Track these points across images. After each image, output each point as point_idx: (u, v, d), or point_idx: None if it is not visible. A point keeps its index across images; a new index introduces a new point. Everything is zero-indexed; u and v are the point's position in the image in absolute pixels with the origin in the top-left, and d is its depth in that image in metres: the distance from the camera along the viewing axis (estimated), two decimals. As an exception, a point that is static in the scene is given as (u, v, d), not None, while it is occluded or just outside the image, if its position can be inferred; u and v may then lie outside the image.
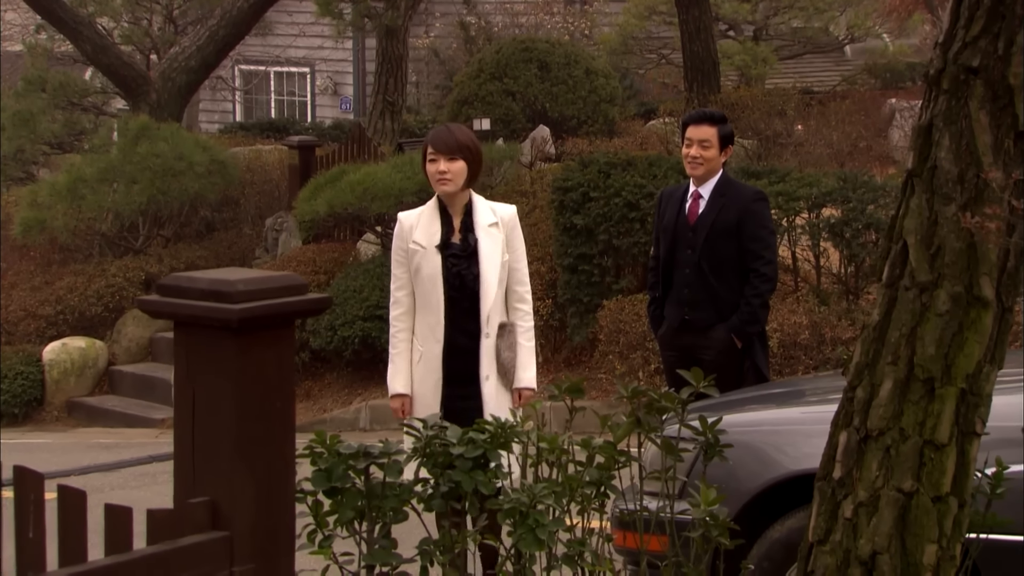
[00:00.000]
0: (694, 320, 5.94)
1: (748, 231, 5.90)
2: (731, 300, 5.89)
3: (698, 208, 5.99)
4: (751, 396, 5.56)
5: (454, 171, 4.93)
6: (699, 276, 5.93)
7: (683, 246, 5.99)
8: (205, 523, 2.80)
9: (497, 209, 5.05)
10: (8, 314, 13.04)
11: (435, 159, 4.97)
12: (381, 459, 3.13)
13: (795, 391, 5.72)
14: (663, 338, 6.10)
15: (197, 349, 2.86)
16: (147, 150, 13.13)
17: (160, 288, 2.91)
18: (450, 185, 4.93)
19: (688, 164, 6.01)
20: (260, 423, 2.86)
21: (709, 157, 5.93)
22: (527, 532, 3.12)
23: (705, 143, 5.92)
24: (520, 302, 5.06)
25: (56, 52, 16.96)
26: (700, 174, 5.97)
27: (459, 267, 4.95)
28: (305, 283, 2.98)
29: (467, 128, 5.23)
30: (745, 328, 5.89)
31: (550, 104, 16.89)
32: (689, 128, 5.99)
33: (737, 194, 6.03)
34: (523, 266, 5.07)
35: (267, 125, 19.32)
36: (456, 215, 4.97)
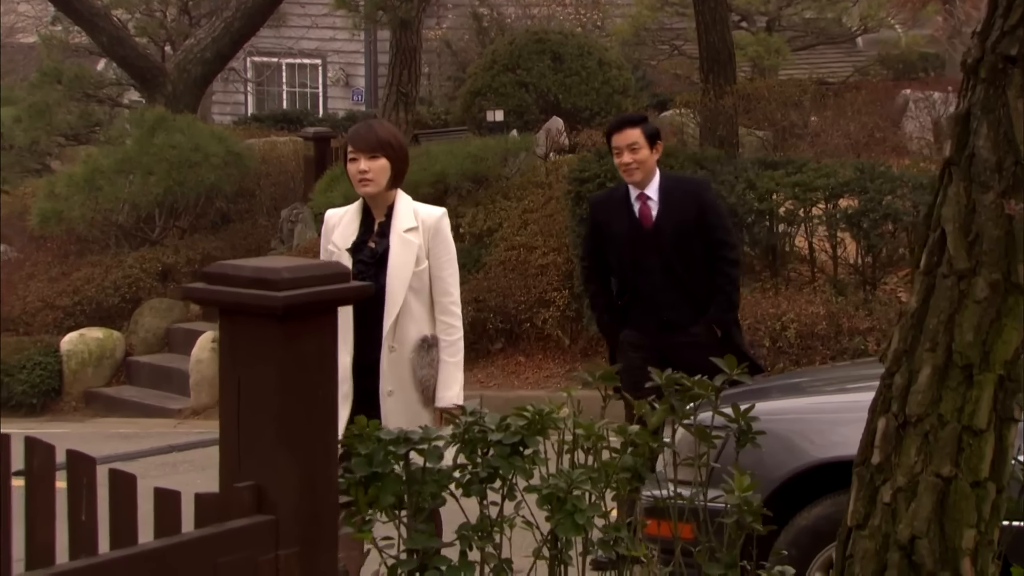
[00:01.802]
0: (674, 320, 5.83)
1: (709, 221, 5.84)
2: (704, 293, 5.83)
3: (649, 211, 5.84)
4: (774, 385, 5.60)
5: (376, 170, 4.62)
6: (671, 277, 5.82)
7: (646, 251, 5.84)
8: (251, 507, 2.84)
9: (420, 212, 4.70)
10: (26, 305, 13.10)
11: (355, 158, 4.66)
12: (421, 445, 3.17)
13: (819, 380, 5.76)
14: (631, 342, 5.87)
15: (242, 336, 2.90)
16: (163, 141, 13.18)
17: (205, 276, 2.95)
18: (371, 186, 4.62)
19: (624, 172, 5.83)
20: (304, 409, 2.90)
21: (642, 159, 5.77)
22: (565, 517, 3.15)
23: (634, 146, 5.75)
24: (444, 314, 4.71)
25: (71, 44, 17.00)
26: (639, 179, 5.80)
27: (366, 275, 4.64)
28: (348, 271, 3.02)
29: (390, 124, 4.94)
30: (724, 316, 5.84)
31: (563, 95, 16.92)
32: (613, 137, 5.83)
33: (686, 188, 5.96)
34: (448, 274, 4.71)
35: (280, 117, 19.37)
36: (378, 217, 4.68)
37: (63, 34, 16.99)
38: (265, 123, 18.51)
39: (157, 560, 2.68)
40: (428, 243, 4.63)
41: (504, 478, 3.22)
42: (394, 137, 4.72)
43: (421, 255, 4.63)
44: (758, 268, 10.51)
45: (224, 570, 2.75)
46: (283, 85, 23.52)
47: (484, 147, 12.40)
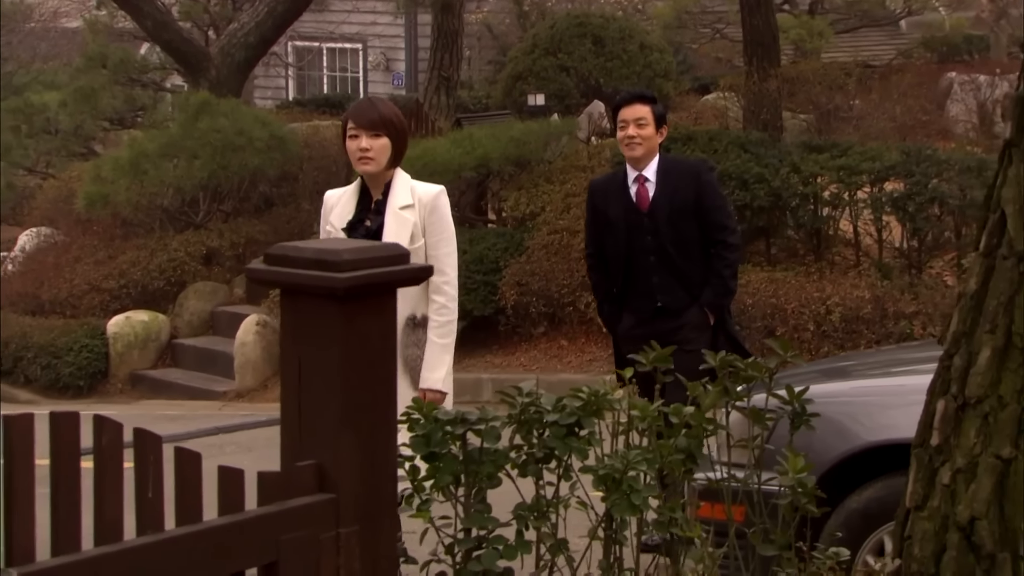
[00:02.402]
0: (668, 305, 5.71)
1: (707, 204, 5.71)
2: (699, 277, 5.70)
3: (647, 192, 5.73)
4: (820, 369, 5.60)
5: (377, 148, 4.48)
6: (665, 261, 5.69)
7: (640, 234, 5.72)
8: (312, 486, 2.88)
9: (418, 189, 4.56)
10: (73, 288, 13.23)
11: (356, 135, 4.52)
12: (478, 425, 3.20)
13: (866, 363, 5.75)
14: (629, 332, 5.74)
15: (303, 317, 2.94)
16: (208, 125, 13.26)
17: (267, 257, 2.99)
18: (372, 164, 4.49)
19: (625, 146, 5.72)
20: (364, 389, 2.93)
21: (647, 136, 5.66)
22: (621, 498, 3.18)
23: (641, 121, 5.65)
24: (437, 293, 4.55)
25: (115, 28, 17.11)
26: (639, 154, 5.68)
27: None
28: (407, 252, 3.05)
29: (390, 102, 4.79)
30: (719, 301, 5.70)
31: (604, 79, 16.89)
32: (622, 110, 5.74)
33: (685, 170, 5.84)
34: (444, 253, 4.57)
35: (323, 101, 19.43)
36: (376, 195, 4.57)
37: (108, 18, 17.09)
38: (307, 107, 18.58)
39: (222, 537, 2.72)
40: (424, 221, 4.52)
41: (560, 459, 3.25)
42: (396, 116, 4.61)
43: (417, 232, 4.52)
44: (802, 252, 10.48)
45: (287, 547, 2.79)
46: (324, 69, 23.59)
47: (527, 131, 12.41)
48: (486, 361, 11.27)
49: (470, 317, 11.28)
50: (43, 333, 12.61)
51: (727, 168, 10.23)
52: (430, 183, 4.66)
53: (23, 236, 14.69)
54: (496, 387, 10.75)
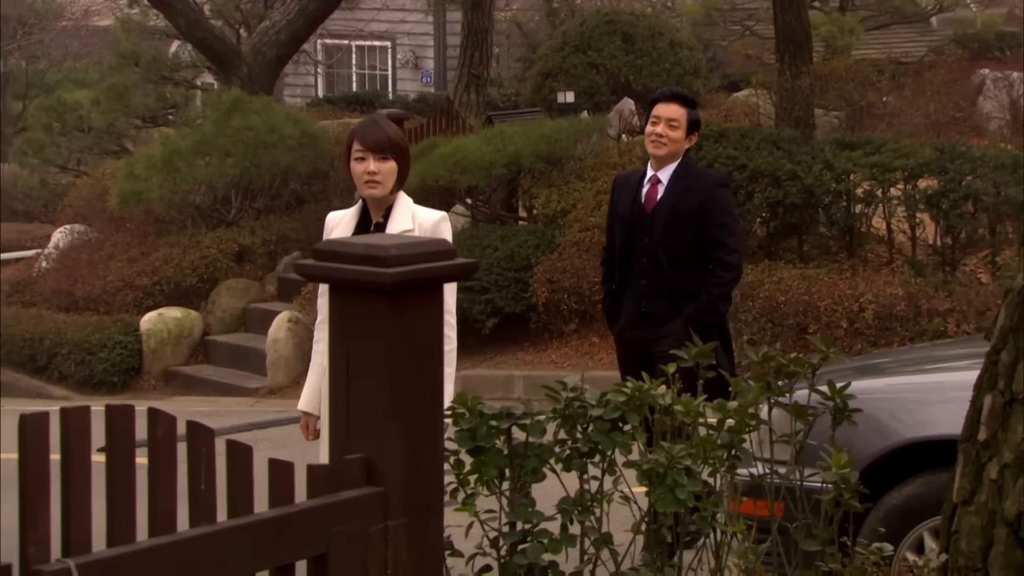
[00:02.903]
0: (651, 312, 5.56)
1: (711, 218, 5.51)
2: (690, 291, 5.52)
3: (656, 194, 5.59)
4: (855, 366, 5.59)
5: (384, 172, 4.37)
6: (656, 266, 5.56)
7: (640, 234, 5.61)
8: (360, 479, 2.91)
9: (419, 214, 4.46)
10: (106, 284, 13.32)
11: (363, 158, 4.38)
12: (523, 420, 3.22)
13: (901, 360, 5.74)
14: (620, 333, 5.70)
15: (351, 312, 2.97)
16: (240, 123, 13.33)
17: (316, 253, 3.02)
18: (379, 188, 4.38)
19: (651, 143, 5.57)
20: (411, 383, 2.96)
21: (675, 138, 5.51)
22: (666, 492, 3.19)
23: (673, 123, 5.50)
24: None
25: (147, 26, 17.21)
26: (663, 154, 5.53)
27: None
28: (453, 248, 3.07)
29: (394, 123, 4.66)
30: (702, 318, 5.45)
31: (634, 76, 16.88)
32: (658, 105, 5.57)
33: (698, 179, 5.64)
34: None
35: (353, 98, 19.49)
36: (376, 218, 4.48)
37: (140, 17, 17.19)
38: (338, 105, 18.64)
39: (273, 528, 2.75)
40: None
41: (604, 453, 3.27)
42: (402, 138, 4.51)
43: None
44: (834, 249, 10.47)
45: (336, 539, 2.82)
46: (353, 67, 23.66)
47: (558, 128, 12.42)
48: (517, 358, 11.29)
49: (501, 314, 11.30)
50: (77, 330, 12.71)
51: (759, 165, 10.23)
52: (432, 209, 4.58)
53: (57, 233, 14.80)
54: (527, 384, 10.76)
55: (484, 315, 11.26)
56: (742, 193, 10.37)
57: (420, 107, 17.84)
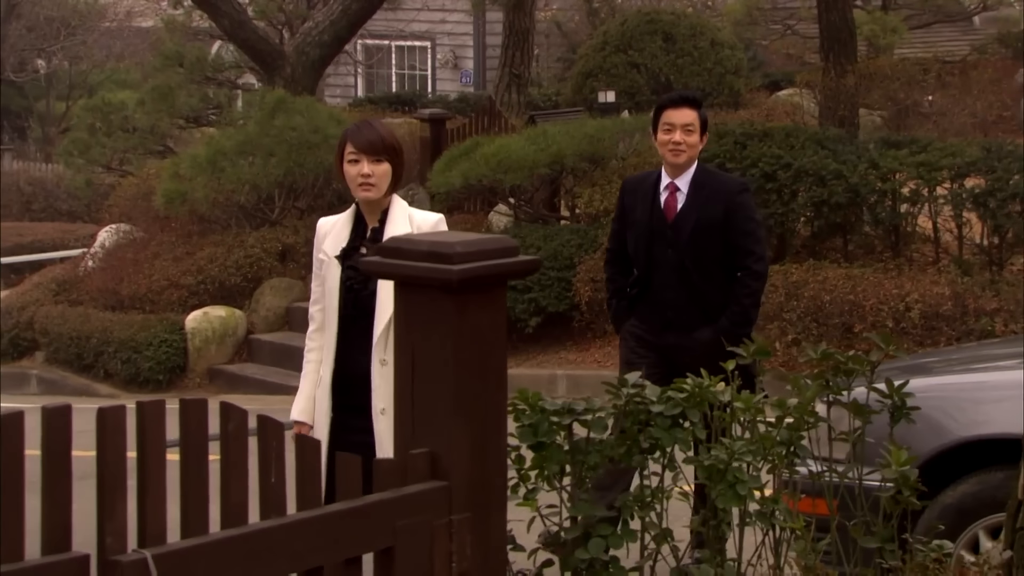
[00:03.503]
0: (677, 321, 5.40)
1: (736, 226, 5.35)
2: (717, 300, 5.37)
3: (676, 202, 5.41)
4: (903, 365, 5.58)
5: (379, 175, 4.26)
6: (683, 277, 5.38)
7: (662, 245, 5.43)
8: (425, 473, 2.94)
9: (416, 218, 4.37)
10: (152, 283, 13.43)
11: (357, 160, 4.28)
12: (585, 415, 3.25)
13: (950, 360, 5.73)
14: (636, 335, 5.51)
15: (417, 308, 3.00)
16: (284, 123, 13.41)
17: (381, 250, 3.05)
18: (373, 191, 4.27)
19: (670, 151, 5.36)
20: (476, 379, 2.99)
21: (692, 143, 5.35)
22: (726, 488, 3.21)
23: (689, 128, 5.33)
24: None
25: (190, 27, 17.33)
26: (683, 161, 5.37)
27: (354, 281, 4.29)
28: (517, 245, 3.10)
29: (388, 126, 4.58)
30: (735, 330, 5.22)
31: (675, 76, 16.88)
32: (668, 111, 5.37)
33: (719, 186, 5.46)
34: None
35: (394, 98, 19.56)
36: (371, 223, 4.37)
37: (184, 17, 17.32)
38: (379, 105, 18.72)
39: (341, 522, 2.79)
40: None
41: (664, 449, 3.29)
42: (397, 140, 4.42)
43: None
44: (879, 248, 10.44)
45: (402, 533, 2.85)
46: (392, 67, 23.74)
47: (601, 128, 12.44)
48: (560, 357, 11.31)
49: (544, 313, 11.33)
50: (123, 328, 12.82)
51: (804, 164, 10.21)
52: (429, 212, 4.50)
53: (102, 233, 14.93)
54: (570, 383, 10.78)
55: (527, 314, 11.29)
56: (786, 192, 10.36)
57: (461, 107, 17.89)
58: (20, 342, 13.71)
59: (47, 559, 2.43)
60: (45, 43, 24.53)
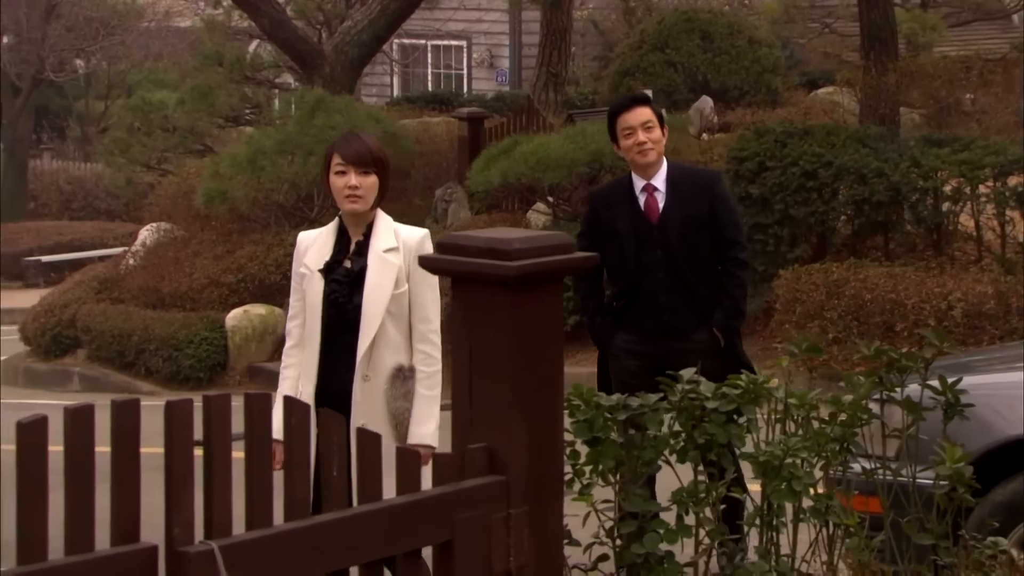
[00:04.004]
0: (675, 325, 5.24)
1: (721, 218, 5.26)
2: (710, 296, 5.27)
3: (657, 203, 5.24)
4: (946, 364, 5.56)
5: (366, 187, 4.20)
6: (676, 277, 5.24)
7: (650, 248, 5.26)
8: (484, 467, 2.97)
9: (402, 232, 4.29)
10: (192, 282, 13.52)
11: (344, 171, 4.21)
12: (640, 411, 3.26)
13: (994, 358, 5.72)
14: (626, 347, 5.30)
15: (474, 304, 3.03)
16: (323, 122, 13.47)
17: (439, 246, 3.08)
18: (360, 203, 4.20)
19: (638, 153, 5.20)
20: (533, 375, 3.01)
21: (656, 139, 5.21)
22: (781, 484, 3.22)
23: (648, 124, 5.19)
24: (423, 342, 4.23)
25: (230, 27, 17.43)
26: (653, 159, 5.22)
27: (338, 294, 4.21)
28: (573, 242, 3.12)
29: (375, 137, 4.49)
30: (731, 323, 5.23)
31: (712, 75, 16.84)
32: (622, 116, 5.23)
33: (697, 180, 5.36)
34: (429, 300, 4.26)
35: (431, 97, 19.61)
36: (355, 236, 4.29)
37: (224, 17, 17.43)
38: (416, 104, 18.77)
39: (401, 515, 2.82)
40: (409, 265, 4.22)
41: (719, 445, 3.30)
42: (383, 153, 4.33)
43: (401, 277, 4.23)
44: (920, 247, 10.40)
45: (461, 526, 2.88)
46: (428, 66, 23.80)
47: (639, 126, 12.42)
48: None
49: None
50: (164, 326, 12.91)
51: (845, 162, 10.19)
52: (414, 227, 4.42)
53: (143, 231, 15.04)
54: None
55: (565, 312, 11.27)
56: (827, 191, 10.34)
57: (498, 106, 17.92)
58: (62, 340, 13.83)
59: (117, 550, 2.47)
60: (84, 43, 24.73)
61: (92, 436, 2.49)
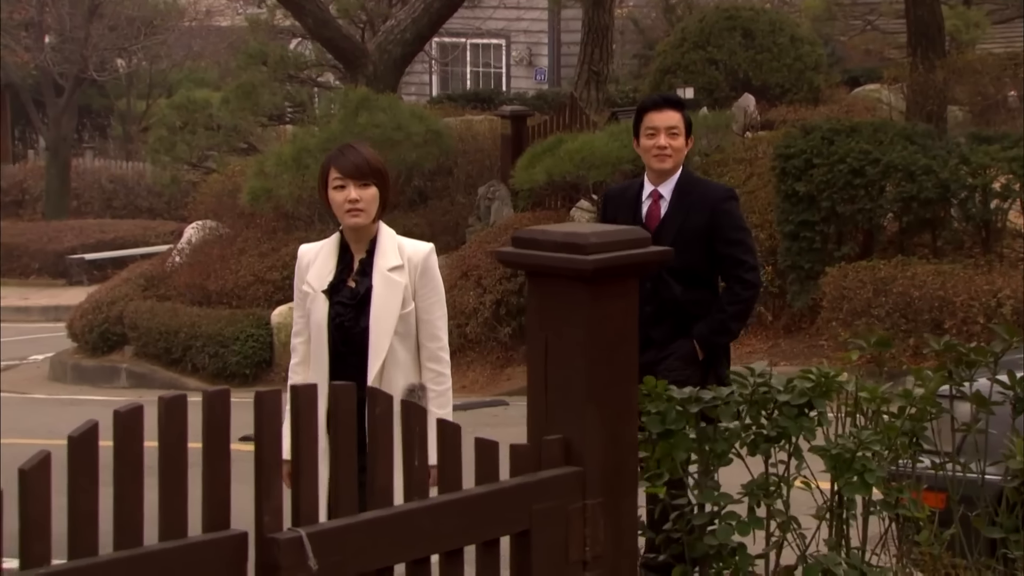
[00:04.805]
0: (659, 338, 4.98)
1: (722, 235, 5.01)
2: (698, 314, 5.02)
3: (659, 210, 5.07)
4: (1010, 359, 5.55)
5: (367, 200, 4.07)
6: (663, 289, 4.99)
7: None
8: (559, 459, 3.01)
9: (406, 248, 4.13)
10: (238, 279, 13.63)
11: (343, 185, 4.07)
12: (713, 404, 3.29)
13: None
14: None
15: (550, 298, 3.06)
16: (367, 121, 13.54)
17: (515, 240, 3.12)
18: (363, 216, 4.07)
19: (654, 157, 5.01)
20: (608, 368, 3.05)
21: (678, 147, 5.00)
22: (854, 477, 3.24)
23: (673, 131, 4.98)
24: (433, 361, 4.11)
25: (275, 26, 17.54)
26: (669, 167, 5.02)
27: (344, 317, 4.08)
28: (648, 236, 3.15)
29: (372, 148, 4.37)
30: (712, 338, 4.97)
31: (754, 72, 16.80)
32: (651, 114, 5.02)
33: (704, 193, 5.11)
34: (437, 317, 4.14)
35: (472, 95, 19.67)
36: (358, 253, 4.12)
37: (267, 16, 17.54)
38: (458, 102, 18.83)
39: (480, 505, 2.87)
40: (415, 283, 4.10)
41: (790, 438, 3.33)
42: (382, 163, 4.20)
43: (407, 296, 4.09)
44: (968, 244, 10.37)
45: (538, 516, 2.92)
46: (467, 65, 23.86)
47: (684, 124, 12.43)
48: (644, 353, 11.32)
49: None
50: (211, 323, 13.02)
51: (893, 160, 10.17)
52: (418, 240, 4.24)
53: (189, 229, 15.17)
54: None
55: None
56: (874, 188, 10.32)
57: (538, 104, 17.95)
58: (110, 336, 13.97)
59: (208, 536, 2.52)
60: (126, 42, 24.92)
61: (185, 426, 2.54)
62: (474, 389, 11.79)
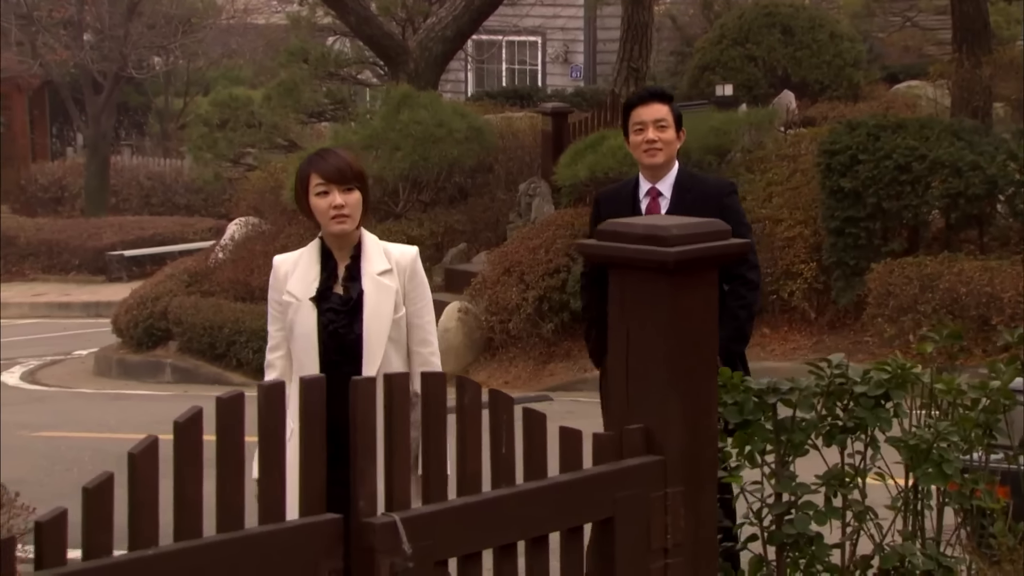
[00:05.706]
0: None
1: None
2: None
3: (658, 208, 4.93)
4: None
5: (351, 204, 3.93)
6: None
7: None
8: (641, 448, 3.04)
9: (392, 252, 4.03)
10: (281, 275, 13.70)
11: (326, 191, 3.93)
12: (790, 395, 3.32)
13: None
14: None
15: (632, 289, 3.10)
16: (409, 118, 13.61)
17: (598, 234, 3.16)
18: (348, 222, 3.93)
19: (644, 152, 4.86)
20: (688, 358, 3.08)
21: (668, 139, 4.86)
22: (931, 467, 3.26)
23: (661, 123, 4.84)
24: (424, 366, 3.95)
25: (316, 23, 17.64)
26: (661, 161, 4.87)
27: (337, 324, 3.93)
28: (728, 229, 3.19)
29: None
30: (730, 346, 4.70)
31: (793, 69, 16.79)
32: (637, 110, 4.88)
33: (704, 187, 4.99)
34: (427, 322, 4.05)
35: (511, 93, 19.72)
36: (342, 260, 3.99)
37: (309, 14, 17.64)
38: (496, 99, 18.88)
39: (565, 492, 2.91)
40: (404, 287, 3.99)
41: (866, 429, 3.35)
42: (361, 166, 4.09)
43: (399, 301, 3.98)
44: (1015, 240, 10.33)
45: (621, 504, 2.96)
46: (503, 62, 23.90)
47: (727, 121, 12.46)
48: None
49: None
50: (254, 319, 13.10)
51: (939, 156, 10.15)
52: (403, 244, 4.15)
53: (232, 225, 15.27)
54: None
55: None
56: (920, 184, 10.30)
57: (576, 101, 17.98)
58: (154, 332, 14.08)
59: (305, 520, 2.57)
60: (165, 40, 25.07)
61: (283, 414, 2.59)
62: (517, 385, 11.83)
